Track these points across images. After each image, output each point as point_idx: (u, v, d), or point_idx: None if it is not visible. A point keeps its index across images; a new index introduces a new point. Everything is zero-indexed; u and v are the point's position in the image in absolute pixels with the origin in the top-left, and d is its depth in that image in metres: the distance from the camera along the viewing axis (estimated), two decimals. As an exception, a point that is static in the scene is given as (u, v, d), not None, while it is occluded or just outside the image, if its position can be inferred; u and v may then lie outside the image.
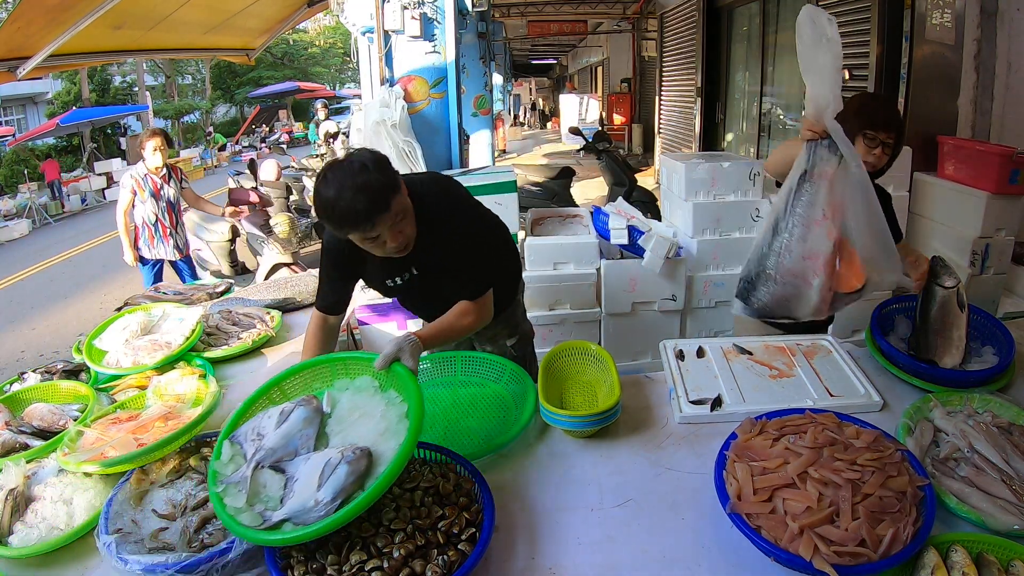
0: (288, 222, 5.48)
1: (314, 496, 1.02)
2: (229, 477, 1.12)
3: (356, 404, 1.25)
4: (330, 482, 1.03)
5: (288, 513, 1.03)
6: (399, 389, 1.25)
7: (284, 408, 1.20)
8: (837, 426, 1.22)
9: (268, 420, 1.19)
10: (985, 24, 3.44)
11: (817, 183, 1.20)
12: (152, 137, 3.88)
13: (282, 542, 1.01)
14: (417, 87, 3.14)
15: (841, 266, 1.21)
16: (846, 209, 1.21)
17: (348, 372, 1.35)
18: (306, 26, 23.19)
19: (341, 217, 1.34)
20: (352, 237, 1.41)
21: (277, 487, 1.10)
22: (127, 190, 3.91)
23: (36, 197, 11.82)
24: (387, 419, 1.19)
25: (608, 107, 13.77)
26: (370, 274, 1.67)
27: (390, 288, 1.68)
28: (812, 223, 1.19)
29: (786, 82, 5.87)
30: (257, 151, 17.14)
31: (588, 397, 1.57)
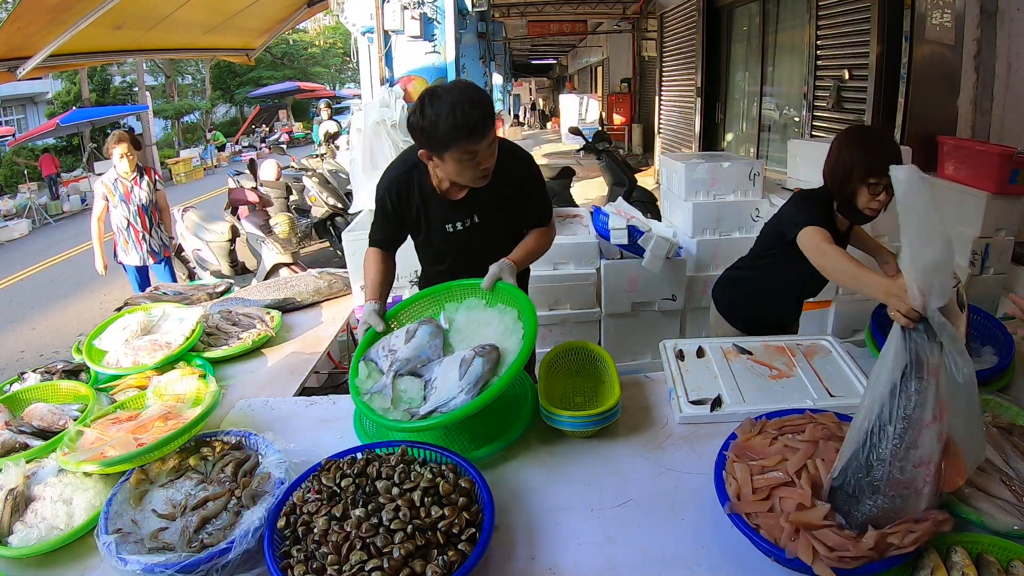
0: (288, 222, 5.48)
1: (457, 386, 1.20)
2: (372, 389, 1.26)
3: (471, 319, 1.47)
4: (468, 373, 1.21)
5: (434, 404, 1.19)
6: (505, 301, 1.47)
7: (408, 328, 1.38)
8: (837, 426, 1.22)
9: (396, 339, 1.36)
10: (985, 24, 3.44)
11: (927, 381, 1.01)
12: (118, 143, 3.76)
13: (436, 425, 1.20)
14: (417, 87, 3.14)
15: (946, 467, 1.03)
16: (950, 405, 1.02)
17: (454, 297, 1.55)
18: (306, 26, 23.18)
19: (455, 127, 1.40)
20: (453, 153, 1.44)
21: (417, 389, 1.27)
22: (99, 197, 3.85)
23: (36, 197, 11.83)
24: (503, 323, 1.41)
25: (608, 107, 13.76)
26: (429, 223, 1.70)
27: (448, 235, 1.70)
28: (923, 427, 1.00)
29: (786, 82, 5.87)
30: (257, 151, 17.14)
31: (588, 397, 1.57)
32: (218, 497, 1.22)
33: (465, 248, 1.75)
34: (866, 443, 1.02)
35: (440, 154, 1.47)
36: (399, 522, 1.05)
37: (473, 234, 1.71)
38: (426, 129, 1.43)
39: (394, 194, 1.67)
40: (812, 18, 4.92)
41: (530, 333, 1.28)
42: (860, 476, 1.01)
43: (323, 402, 1.69)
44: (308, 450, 1.37)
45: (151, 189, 3.92)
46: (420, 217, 1.69)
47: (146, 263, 4.01)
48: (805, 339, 1.74)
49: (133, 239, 3.93)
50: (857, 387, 1.52)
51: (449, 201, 1.66)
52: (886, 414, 1.01)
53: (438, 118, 1.40)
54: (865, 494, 1.00)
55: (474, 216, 1.68)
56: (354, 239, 2.83)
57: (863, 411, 1.04)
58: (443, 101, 1.41)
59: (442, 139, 1.43)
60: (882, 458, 1.00)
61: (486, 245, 1.69)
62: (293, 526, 1.09)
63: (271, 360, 2.09)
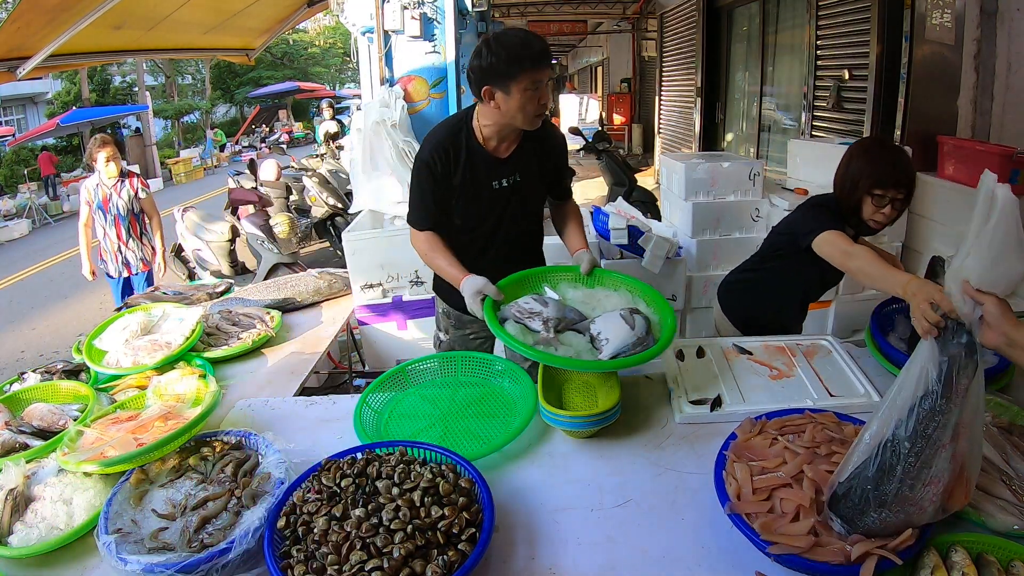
0: (288, 222, 5.47)
1: (632, 335, 1.40)
2: (537, 342, 1.40)
3: (587, 295, 1.62)
4: (638, 324, 1.43)
5: (615, 350, 1.38)
6: (606, 284, 1.67)
7: (534, 297, 1.52)
8: (837, 425, 1.22)
9: (527, 305, 1.48)
10: (985, 24, 3.43)
11: (954, 402, 0.94)
12: (103, 147, 3.59)
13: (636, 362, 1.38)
14: (417, 87, 3.14)
15: (954, 488, 0.99)
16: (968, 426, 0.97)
17: (548, 281, 1.68)
18: (306, 26, 23.18)
19: (524, 55, 1.51)
20: (520, 82, 1.53)
21: (582, 342, 1.43)
22: (83, 203, 3.72)
23: (36, 197, 11.83)
24: (621, 298, 1.60)
25: (608, 107, 13.75)
26: (476, 179, 1.71)
27: (494, 192, 1.74)
28: (940, 447, 0.95)
29: (786, 82, 5.87)
30: (257, 151, 17.14)
31: (588, 397, 1.57)
32: (218, 497, 1.22)
33: (506, 208, 1.78)
34: (878, 455, 0.98)
35: (507, 86, 1.54)
36: (399, 522, 1.05)
37: (515, 192, 1.76)
38: (493, 64, 1.52)
39: (441, 153, 1.68)
40: (812, 18, 4.92)
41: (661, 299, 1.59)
42: (867, 488, 0.98)
43: (323, 402, 1.69)
44: (308, 450, 1.37)
45: (131, 198, 3.72)
46: (467, 174, 1.70)
47: (122, 275, 3.83)
48: (805, 339, 1.74)
49: (109, 250, 3.77)
50: (857, 387, 1.52)
51: (496, 158, 1.71)
52: (905, 430, 0.96)
53: (506, 50, 1.51)
54: (871, 506, 0.97)
55: (516, 175, 1.74)
56: (354, 239, 2.83)
57: (878, 422, 1.00)
58: (509, 36, 1.55)
59: (511, 68, 1.52)
60: (894, 473, 0.96)
61: (522, 208, 1.79)
62: (293, 526, 1.09)
63: (271, 360, 2.09)
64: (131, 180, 3.76)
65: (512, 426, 1.41)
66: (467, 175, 1.71)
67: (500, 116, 1.62)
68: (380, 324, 2.90)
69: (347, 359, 3.22)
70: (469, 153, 1.70)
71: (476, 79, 1.59)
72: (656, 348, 1.43)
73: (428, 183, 1.72)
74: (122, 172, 3.71)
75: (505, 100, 1.57)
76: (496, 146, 1.72)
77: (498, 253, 1.82)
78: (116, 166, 3.63)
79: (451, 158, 1.69)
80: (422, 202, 1.75)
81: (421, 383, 1.67)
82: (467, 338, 2.01)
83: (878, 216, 1.69)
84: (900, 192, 1.66)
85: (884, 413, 0.99)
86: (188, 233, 5.31)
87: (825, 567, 0.95)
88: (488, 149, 1.71)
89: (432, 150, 1.70)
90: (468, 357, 1.72)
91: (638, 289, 1.65)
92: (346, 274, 2.85)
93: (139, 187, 3.77)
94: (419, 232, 1.78)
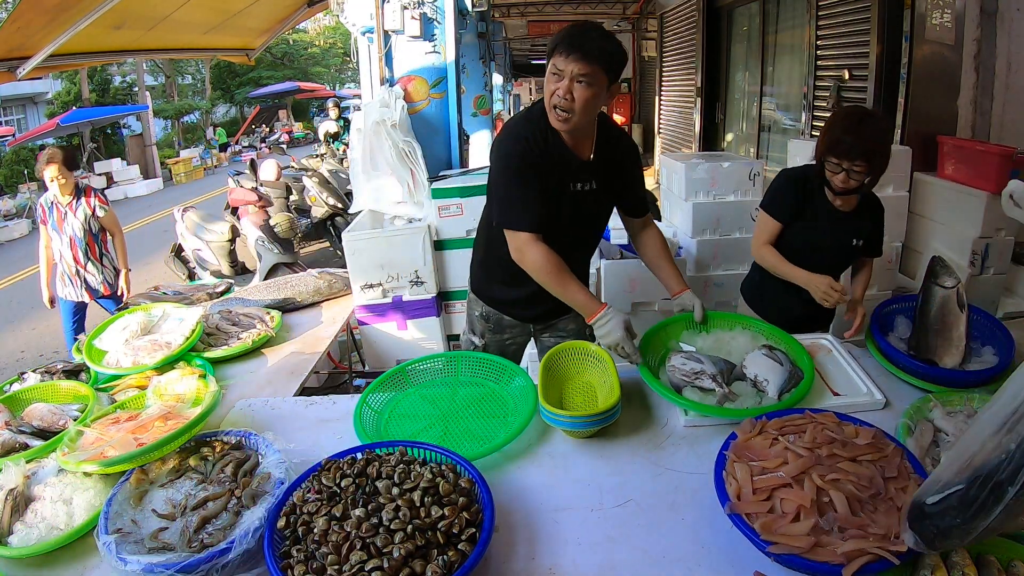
0: (288, 222, 5.48)
1: (784, 371, 1.48)
2: (719, 401, 1.44)
3: (714, 339, 1.69)
4: (783, 359, 1.53)
5: (778, 388, 1.44)
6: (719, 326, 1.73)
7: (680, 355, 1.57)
8: (837, 425, 1.22)
9: (685, 366, 1.52)
10: (985, 24, 3.43)
11: None
12: (48, 164, 3.21)
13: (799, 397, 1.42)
14: (417, 87, 3.13)
15: None
16: None
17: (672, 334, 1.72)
18: (306, 26, 23.18)
19: (559, 37, 1.44)
20: (550, 63, 1.47)
21: (747, 387, 1.48)
22: (39, 222, 3.40)
23: (36, 197, 11.82)
24: (745, 335, 1.68)
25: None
26: (559, 176, 1.58)
27: (573, 193, 1.61)
28: None
29: (786, 82, 5.87)
30: (257, 151, 17.14)
31: (588, 397, 1.57)
32: (218, 497, 1.22)
33: (578, 214, 1.65)
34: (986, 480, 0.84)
35: (546, 69, 1.48)
36: (399, 522, 1.05)
37: (589, 200, 1.65)
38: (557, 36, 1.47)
39: (537, 146, 1.54)
40: (812, 18, 4.92)
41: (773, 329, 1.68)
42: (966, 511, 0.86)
43: (323, 402, 1.69)
44: (308, 450, 1.37)
45: (87, 217, 3.35)
46: (555, 168, 1.57)
47: (86, 299, 3.46)
48: (805, 339, 1.74)
49: (67, 272, 3.41)
50: (860, 386, 1.52)
51: (580, 159, 1.60)
52: None
53: (566, 29, 1.46)
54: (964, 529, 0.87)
55: (592, 182, 1.63)
56: (354, 239, 2.83)
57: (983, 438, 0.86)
58: (580, 23, 1.47)
59: (550, 43, 1.47)
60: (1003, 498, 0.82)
61: (592, 217, 1.70)
62: (293, 526, 1.09)
63: (271, 360, 2.09)
64: (88, 198, 3.37)
65: (512, 426, 1.41)
66: (556, 166, 1.58)
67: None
68: (380, 324, 2.90)
69: (347, 359, 3.22)
70: (557, 143, 1.57)
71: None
72: (808, 376, 1.48)
73: (523, 177, 1.54)
74: (77, 188, 3.36)
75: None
76: (575, 144, 1.59)
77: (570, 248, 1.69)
78: (67, 184, 3.27)
79: (543, 144, 1.56)
80: (523, 197, 1.55)
81: (421, 383, 1.68)
82: (503, 342, 1.94)
83: (836, 181, 1.73)
84: (856, 164, 1.66)
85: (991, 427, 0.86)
86: (188, 233, 5.31)
87: (825, 567, 0.95)
88: (569, 146, 1.59)
89: (519, 143, 1.55)
90: (468, 357, 1.72)
91: (749, 324, 1.72)
92: (346, 274, 2.85)
93: (96, 205, 3.37)
94: (524, 236, 1.56)
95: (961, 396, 1.39)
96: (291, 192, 6.83)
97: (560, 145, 1.58)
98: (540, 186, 1.56)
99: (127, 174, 14.46)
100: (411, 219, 3.08)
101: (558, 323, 1.93)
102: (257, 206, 5.47)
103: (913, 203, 3.40)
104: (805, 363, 1.53)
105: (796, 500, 1.04)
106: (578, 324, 1.87)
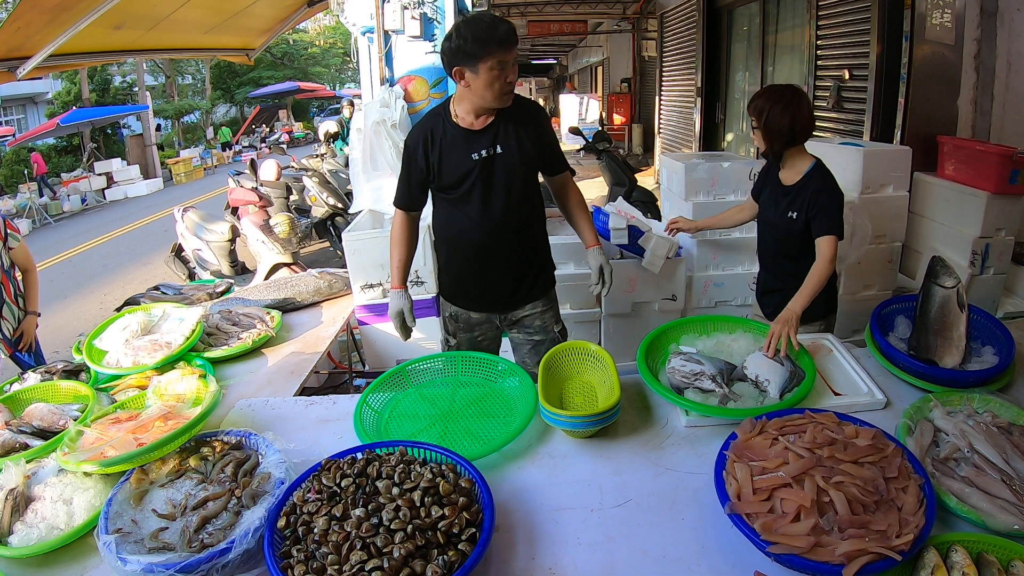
0: (288, 222, 5.47)
1: (785, 370, 1.49)
2: (720, 400, 1.43)
3: (715, 342, 1.70)
4: (786, 363, 1.52)
5: (780, 388, 1.45)
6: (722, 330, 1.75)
7: (680, 357, 1.57)
8: (837, 425, 1.22)
9: (684, 367, 1.52)
10: (985, 24, 3.43)
11: None
12: None
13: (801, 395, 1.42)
14: (417, 87, 3.13)
15: None
16: None
17: (673, 338, 1.72)
18: (306, 26, 23.16)
19: (489, 37, 1.62)
20: (486, 62, 1.64)
21: (748, 387, 1.49)
22: None
23: (36, 197, 11.83)
24: (746, 337, 1.69)
25: (608, 107, 13.75)
26: (454, 154, 1.80)
27: (475, 162, 1.79)
28: None
29: (786, 82, 5.86)
30: (257, 151, 17.14)
31: (588, 397, 1.57)
32: (218, 497, 1.22)
33: (488, 179, 1.82)
34: None
35: (474, 66, 1.64)
36: (399, 522, 1.05)
37: (496, 163, 1.81)
38: (461, 46, 1.63)
39: (420, 136, 1.82)
40: (812, 18, 4.92)
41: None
42: None
43: (323, 402, 1.69)
44: (308, 450, 1.38)
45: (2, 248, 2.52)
46: (445, 148, 1.80)
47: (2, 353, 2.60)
48: (806, 338, 1.74)
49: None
50: (861, 386, 1.52)
51: (471, 131, 1.80)
52: None
53: (473, 33, 1.62)
54: None
55: (496, 146, 1.80)
56: (354, 239, 2.83)
57: None
58: (476, 20, 1.66)
59: (478, 49, 1.62)
60: None
61: (507, 182, 1.83)
62: (293, 526, 1.09)
63: (271, 360, 2.09)
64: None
65: (512, 426, 1.41)
66: (445, 149, 1.80)
67: (471, 95, 1.72)
68: (380, 324, 2.90)
69: (347, 359, 3.22)
70: (447, 131, 1.80)
71: (447, 61, 1.70)
72: (810, 375, 1.48)
73: (409, 166, 1.85)
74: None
75: (474, 79, 1.67)
76: (471, 122, 1.80)
77: (501, 239, 1.86)
78: None
79: (432, 139, 1.81)
80: (404, 182, 1.89)
81: (421, 383, 1.68)
82: (475, 340, 2.03)
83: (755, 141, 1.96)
84: (753, 121, 1.91)
85: None
86: (188, 233, 5.31)
87: (825, 567, 0.95)
88: (463, 125, 1.80)
89: (418, 135, 1.83)
90: (468, 357, 1.72)
91: (750, 326, 1.73)
92: (346, 274, 2.85)
93: (8, 233, 2.53)
94: (396, 212, 1.92)
95: (961, 396, 1.39)
96: (291, 192, 6.82)
97: (454, 126, 1.80)
98: (426, 169, 1.82)
99: (127, 174, 14.47)
100: (411, 219, 3.07)
101: (523, 320, 2.01)
102: (257, 206, 5.46)
103: (913, 203, 3.39)
104: (806, 363, 1.53)
105: (796, 500, 1.04)
106: (543, 321, 2.01)
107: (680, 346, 1.69)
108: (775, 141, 1.89)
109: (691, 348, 1.67)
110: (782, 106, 1.85)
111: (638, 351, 1.61)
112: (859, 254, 2.92)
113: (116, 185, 13.90)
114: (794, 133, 1.87)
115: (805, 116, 1.88)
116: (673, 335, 1.73)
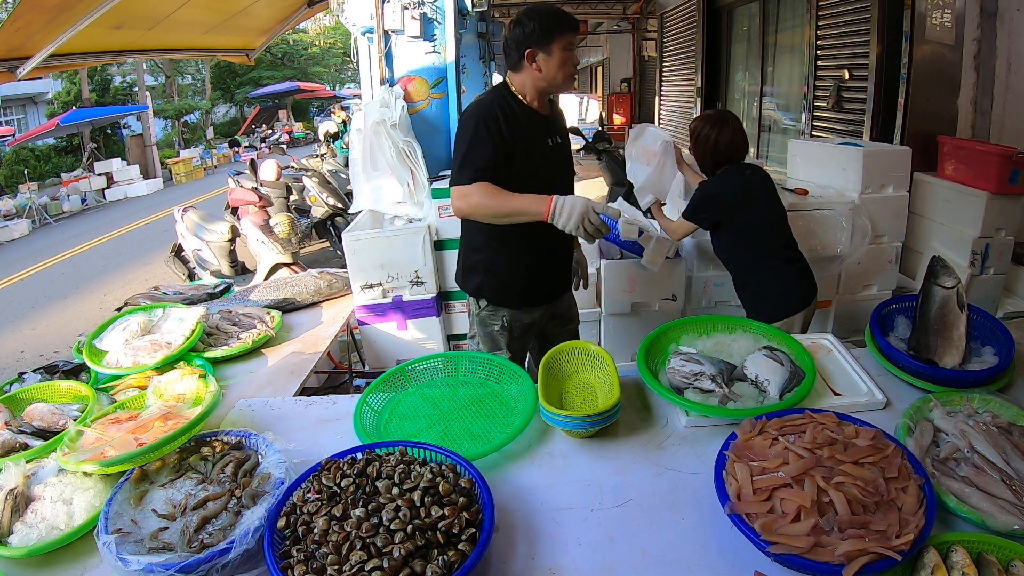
0: (288, 222, 5.47)
1: (785, 370, 1.47)
2: (720, 401, 1.43)
3: (714, 342, 1.68)
4: (784, 359, 1.51)
5: (780, 388, 1.43)
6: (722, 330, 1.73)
7: (680, 357, 1.56)
8: (837, 425, 1.22)
9: (684, 367, 1.51)
10: (985, 24, 3.44)
11: None
12: None
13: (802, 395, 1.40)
14: (417, 87, 3.13)
15: None
16: None
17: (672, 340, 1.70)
18: (306, 26, 23.17)
19: (563, 18, 1.70)
20: (559, 42, 1.70)
21: (748, 387, 1.48)
22: None
23: (36, 197, 11.83)
24: (747, 337, 1.67)
25: (608, 107, 13.75)
26: (531, 135, 1.79)
27: (550, 148, 1.84)
28: None
29: (786, 82, 5.87)
30: (257, 151, 17.14)
31: (588, 397, 1.57)
32: (218, 497, 1.22)
33: (556, 170, 1.87)
34: None
35: (548, 47, 1.69)
36: (399, 522, 1.05)
37: (558, 152, 1.87)
38: (534, 29, 1.69)
39: (496, 110, 1.73)
40: (812, 18, 4.92)
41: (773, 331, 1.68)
42: None
43: (323, 402, 1.69)
44: (308, 450, 1.37)
45: None
46: (523, 131, 1.76)
47: None
48: (806, 338, 1.74)
49: None
50: (861, 386, 1.52)
51: (543, 115, 1.82)
52: None
53: (545, 16, 1.68)
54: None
55: (557, 136, 1.86)
56: (354, 239, 2.83)
57: None
58: (542, 8, 1.71)
59: (552, 30, 1.68)
60: None
61: (565, 172, 1.91)
62: (293, 526, 1.09)
63: (271, 360, 2.09)
64: None
65: (512, 426, 1.41)
66: (522, 129, 1.76)
67: (540, 78, 1.75)
68: (380, 324, 2.90)
69: (347, 359, 3.22)
70: (521, 111, 1.77)
71: (518, 44, 1.72)
72: (810, 376, 1.47)
73: (487, 134, 1.69)
74: None
75: (546, 60, 1.71)
76: (539, 106, 1.82)
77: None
78: None
79: (505, 115, 1.74)
80: (482, 154, 1.68)
81: (421, 383, 1.68)
82: (525, 347, 2.09)
83: None
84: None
85: None
86: (188, 233, 5.31)
87: (825, 567, 0.95)
88: (535, 108, 1.81)
89: (488, 107, 1.74)
90: (468, 357, 1.72)
91: (750, 326, 1.73)
92: (346, 274, 2.85)
93: None
94: (469, 186, 1.67)
95: (961, 396, 1.39)
96: (291, 192, 6.82)
97: (527, 108, 1.80)
98: (503, 141, 1.71)
99: (127, 174, 14.46)
100: (411, 219, 3.08)
101: (562, 309, 2.08)
102: (257, 206, 5.46)
103: (913, 203, 3.39)
104: (806, 363, 1.53)
105: (796, 500, 1.04)
106: (571, 306, 2.12)
107: (680, 346, 1.68)
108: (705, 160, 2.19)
109: (691, 348, 1.66)
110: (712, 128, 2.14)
111: (638, 351, 1.61)
112: (859, 254, 2.92)
113: (116, 185, 13.89)
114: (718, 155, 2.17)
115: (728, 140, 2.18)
116: (673, 335, 1.73)
